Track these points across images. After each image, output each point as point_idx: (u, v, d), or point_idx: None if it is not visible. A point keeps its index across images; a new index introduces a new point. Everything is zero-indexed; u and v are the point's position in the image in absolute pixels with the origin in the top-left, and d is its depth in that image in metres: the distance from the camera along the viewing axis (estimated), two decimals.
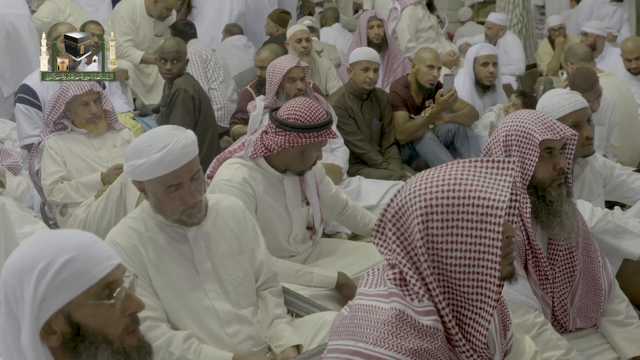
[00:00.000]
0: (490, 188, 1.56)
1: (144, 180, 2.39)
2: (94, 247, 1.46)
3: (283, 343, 2.49)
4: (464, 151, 5.18)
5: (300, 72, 4.39)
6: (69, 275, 1.40)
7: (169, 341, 2.38)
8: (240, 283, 2.53)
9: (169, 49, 4.97)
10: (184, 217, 2.42)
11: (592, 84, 4.28)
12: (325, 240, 3.52)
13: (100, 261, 1.44)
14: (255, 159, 3.11)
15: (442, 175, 1.60)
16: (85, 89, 3.88)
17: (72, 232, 1.51)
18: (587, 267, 2.52)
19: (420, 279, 1.60)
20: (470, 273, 1.56)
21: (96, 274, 1.43)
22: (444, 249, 1.57)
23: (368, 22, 6.31)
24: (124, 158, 2.49)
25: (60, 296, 1.40)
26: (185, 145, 2.36)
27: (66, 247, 1.43)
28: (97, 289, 1.43)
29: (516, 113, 2.48)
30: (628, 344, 2.48)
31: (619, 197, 3.55)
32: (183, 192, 2.38)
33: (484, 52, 5.63)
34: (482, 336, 1.60)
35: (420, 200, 1.58)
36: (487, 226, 1.54)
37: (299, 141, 3.03)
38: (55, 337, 1.43)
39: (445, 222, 1.56)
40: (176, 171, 2.35)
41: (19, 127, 4.79)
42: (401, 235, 1.63)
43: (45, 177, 3.93)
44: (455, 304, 1.61)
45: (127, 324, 1.48)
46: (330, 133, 3.08)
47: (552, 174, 2.40)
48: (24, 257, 1.43)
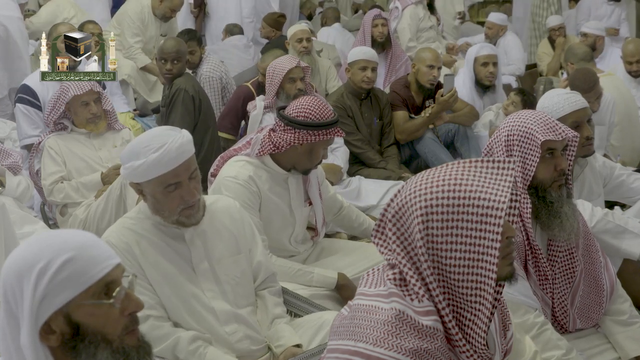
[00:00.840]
0: (491, 188, 1.56)
1: (143, 181, 2.39)
2: (93, 246, 1.46)
3: (283, 343, 2.49)
4: (464, 151, 5.18)
5: (301, 72, 4.40)
6: (68, 275, 1.41)
7: (175, 343, 2.38)
8: (238, 283, 2.54)
9: (169, 49, 4.96)
10: (182, 218, 2.42)
11: (593, 85, 4.28)
12: (326, 240, 3.51)
13: (100, 261, 1.44)
14: (262, 156, 3.12)
15: (443, 175, 1.59)
16: (85, 89, 3.88)
17: (72, 232, 1.51)
18: (588, 267, 2.52)
19: (420, 279, 1.60)
20: (469, 274, 1.56)
21: (95, 274, 1.43)
22: (443, 249, 1.57)
23: (373, 21, 6.31)
24: (121, 167, 2.49)
25: (60, 296, 1.40)
26: (182, 144, 2.36)
27: (66, 247, 1.43)
28: (97, 289, 1.43)
29: (518, 113, 2.47)
30: (631, 343, 2.48)
31: (619, 197, 3.55)
32: (182, 191, 2.38)
33: (484, 52, 5.63)
34: (481, 337, 1.60)
35: (421, 200, 1.58)
36: (486, 227, 1.54)
37: (309, 139, 3.04)
38: (54, 336, 1.43)
39: (445, 223, 1.56)
40: (174, 170, 2.35)
41: (19, 127, 4.80)
42: (401, 235, 1.63)
43: (45, 177, 3.92)
44: (455, 305, 1.60)
45: (127, 323, 1.48)
46: (338, 131, 3.11)
47: (553, 175, 2.40)
48: (23, 257, 1.43)
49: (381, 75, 6.27)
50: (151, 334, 2.37)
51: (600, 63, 6.43)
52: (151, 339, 2.33)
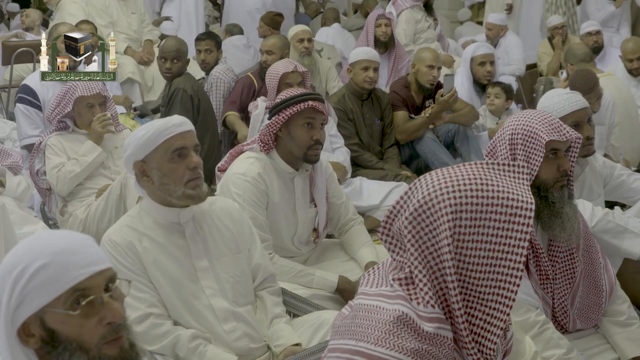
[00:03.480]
0: (516, 189, 1.56)
1: (149, 152, 2.40)
2: (75, 252, 1.42)
3: (282, 342, 2.49)
4: (464, 151, 5.18)
5: (298, 76, 4.35)
6: (41, 281, 1.38)
7: (175, 341, 2.39)
8: (237, 281, 2.54)
9: (169, 48, 5.00)
10: (189, 190, 2.42)
11: (593, 85, 4.28)
12: (328, 241, 3.49)
13: (75, 268, 1.40)
14: (269, 152, 3.13)
15: (467, 174, 1.58)
16: (93, 91, 3.87)
17: (60, 234, 1.47)
18: (588, 268, 2.52)
19: (431, 281, 1.59)
20: (491, 272, 1.55)
21: (66, 282, 1.39)
22: (469, 248, 1.55)
23: (376, 20, 6.31)
24: (124, 155, 2.49)
25: (33, 302, 1.39)
26: (184, 120, 2.45)
27: (44, 252, 1.40)
28: (67, 297, 1.40)
29: (523, 112, 2.47)
30: (629, 344, 2.48)
31: (619, 197, 3.55)
32: (188, 161, 2.40)
33: (480, 51, 5.64)
34: (492, 344, 1.57)
35: (450, 197, 1.56)
36: (514, 226, 1.54)
37: (279, 120, 3.06)
38: (34, 339, 1.42)
39: (474, 221, 1.55)
40: (181, 134, 2.40)
41: (19, 128, 4.79)
42: (417, 233, 1.59)
43: (50, 171, 3.90)
44: (469, 306, 1.59)
45: (105, 333, 1.43)
46: (308, 104, 3.03)
47: (555, 175, 2.40)
48: (8, 260, 1.43)
49: (384, 76, 6.27)
50: (151, 332, 2.38)
51: (600, 63, 6.43)
52: (151, 337, 2.36)
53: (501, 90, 5.40)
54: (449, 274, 1.56)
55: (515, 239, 1.54)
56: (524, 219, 1.54)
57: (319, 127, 3.08)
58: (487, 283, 1.56)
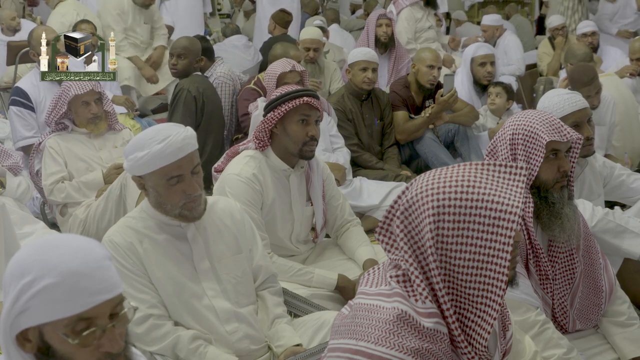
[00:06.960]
0: (504, 193, 1.56)
1: (146, 173, 2.39)
2: (89, 276, 1.38)
3: (283, 343, 2.49)
4: (464, 151, 5.18)
5: (296, 76, 4.35)
6: (47, 299, 1.36)
7: (175, 342, 2.39)
8: (239, 282, 2.54)
9: (177, 45, 5.11)
10: (185, 212, 2.42)
11: (592, 77, 4.27)
12: (328, 241, 3.49)
13: (84, 295, 1.37)
14: (265, 150, 3.14)
15: (455, 175, 1.59)
16: (86, 88, 3.88)
17: (76, 247, 1.41)
18: (588, 269, 2.52)
19: (425, 279, 1.60)
20: (477, 276, 1.56)
21: (72, 308, 1.37)
22: (453, 250, 1.56)
23: (377, 20, 6.30)
24: (124, 157, 2.49)
25: (36, 316, 1.38)
26: (186, 137, 2.39)
27: (57, 269, 1.36)
28: (69, 322, 1.38)
29: (524, 113, 2.47)
30: (629, 345, 2.48)
31: (619, 197, 3.56)
32: (184, 185, 2.38)
33: (480, 52, 5.65)
34: (483, 339, 1.59)
35: (433, 199, 1.57)
36: (498, 230, 1.54)
37: (274, 117, 3.07)
38: (30, 345, 1.41)
39: (456, 223, 1.55)
40: (177, 162, 2.36)
41: (14, 130, 4.85)
42: (408, 232, 1.62)
43: (45, 177, 3.92)
44: (459, 306, 1.60)
45: (100, 357, 1.42)
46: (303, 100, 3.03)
47: (555, 176, 2.39)
48: (19, 261, 1.41)
49: (384, 76, 6.27)
50: (152, 333, 2.38)
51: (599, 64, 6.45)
52: (152, 338, 2.36)
53: (502, 89, 5.42)
54: (434, 275, 1.57)
55: (500, 242, 1.54)
56: (508, 223, 1.53)
57: (313, 123, 3.10)
58: (475, 285, 1.56)
